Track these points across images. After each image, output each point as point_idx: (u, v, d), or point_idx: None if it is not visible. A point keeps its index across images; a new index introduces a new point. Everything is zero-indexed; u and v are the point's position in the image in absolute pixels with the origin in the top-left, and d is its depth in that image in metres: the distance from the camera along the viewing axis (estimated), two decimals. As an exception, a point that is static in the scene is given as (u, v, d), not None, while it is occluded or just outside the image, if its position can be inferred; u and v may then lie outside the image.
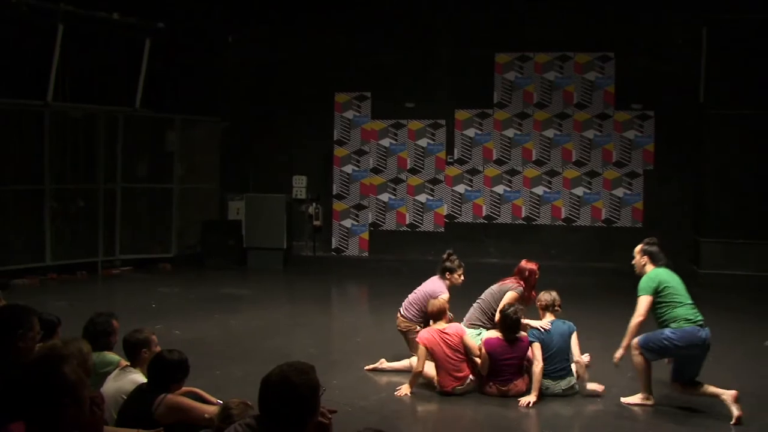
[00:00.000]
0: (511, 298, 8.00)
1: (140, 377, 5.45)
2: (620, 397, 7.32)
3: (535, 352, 7.38)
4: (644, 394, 7.17)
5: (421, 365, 7.49)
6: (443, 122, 16.43)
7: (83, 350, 4.88)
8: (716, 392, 6.83)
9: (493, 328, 7.84)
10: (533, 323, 7.59)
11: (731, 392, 6.76)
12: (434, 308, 7.78)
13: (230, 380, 7.62)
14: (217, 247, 16.09)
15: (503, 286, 8.20)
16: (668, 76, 15.26)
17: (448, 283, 8.43)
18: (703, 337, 6.88)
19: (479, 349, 7.54)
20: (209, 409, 5.08)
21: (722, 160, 14.58)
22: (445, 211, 16.46)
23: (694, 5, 14.83)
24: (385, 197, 16.68)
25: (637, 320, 7.00)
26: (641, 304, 7.02)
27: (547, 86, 16.04)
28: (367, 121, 16.75)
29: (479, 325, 8.12)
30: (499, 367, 7.44)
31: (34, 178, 14.13)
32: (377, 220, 16.74)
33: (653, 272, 7.12)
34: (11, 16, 13.13)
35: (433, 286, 8.43)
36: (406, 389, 7.49)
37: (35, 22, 13.56)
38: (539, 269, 8.33)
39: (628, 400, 7.24)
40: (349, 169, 16.81)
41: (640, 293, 7.06)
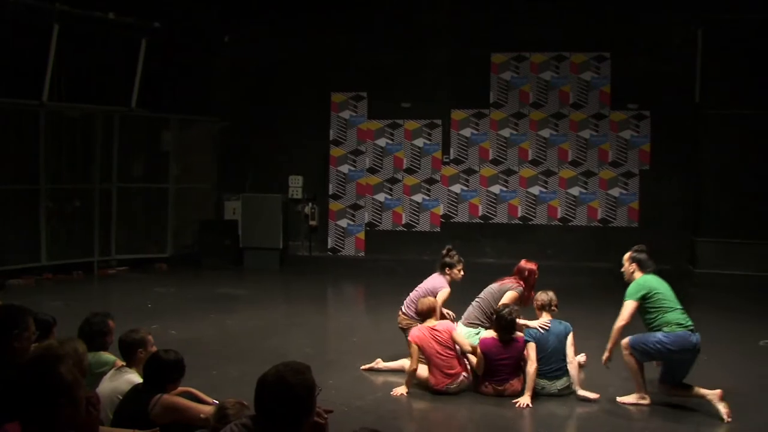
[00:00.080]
0: (510, 297, 8.01)
1: (136, 377, 5.43)
2: (616, 396, 7.33)
3: (529, 352, 7.39)
4: (639, 393, 7.21)
5: (414, 363, 7.51)
6: (439, 122, 16.44)
7: (79, 350, 4.87)
8: (702, 393, 6.95)
9: (492, 327, 7.84)
10: (532, 323, 7.60)
11: (716, 392, 6.88)
12: (424, 307, 7.81)
13: (226, 380, 7.62)
14: (213, 247, 16.08)
15: (503, 285, 8.21)
16: (664, 76, 15.27)
17: (448, 278, 8.48)
18: (694, 341, 7.01)
19: (475, 349, 7.54)
20: (205, 409, 5.07)
21: (718, 160, 14.61)
22: (441, 210, 16.46)
23: (690, 5, 14.84)
24: (381, 197, 16.68)
25: (619, 324, 7.15)
26: (625, 308, 7.16)
27: (543, 86, 16.06)
28: (363, 121, 16.75)
29: (478, 324, 8.13)
30: (494, 366, 7.45)
31: (29, 177, 14.10)
32: (373, 219, 16.73)
33: (642, 279, 7.26)
34: (7, 15, 13.11)
35: (434, 282, 8.48)
36: (402, 389, 7.50)
37: (31, 21, 13.54)
38: (538, 269, 8.35)
39: (624, 399, 7.26)
40: (345, 168, 16.81)
41: (626, 298, 7.21)
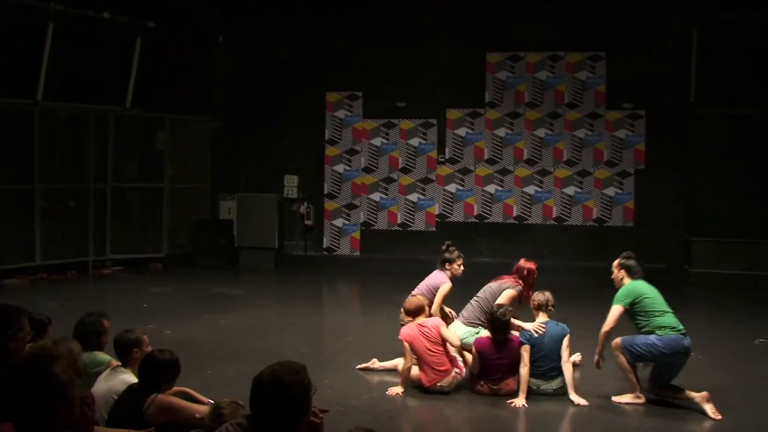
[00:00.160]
0: (509, 296, 8.02)
1: (131, 377, 5.43)
2: (611, 395, 7.33)
3: (523, 354, 7.38)
4: (634, 392, 7.21)
5: (408, 361, 7.51)
6: (435, 121, 16.43)
7: (73, 350, 4.86)
8: (690, 395, 6.99)
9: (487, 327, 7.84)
10: (527, 325, 7.59)
11: (703, 394, 6.93)
12: (411, 305, 7.83)
13: (221, 380, 7.60)
14: (208, 246, 16.05)
15: (502, 284, 8.21)
16: (659, 75, 15.29)
17: (449, 273, 8.55)
18: (686, 345, 7.07)
19: (467, 347, 7.56)
20: (200, 408, 5.07)
21: (713, 159, 14.64)
22: (436, 210, 16.46)
23: (684, 5, 14.87)
24: (376, 196, 16.67)
25: (605, 329, 7.21)
26: (612, 313, 7.22)
27: (538, 86, 16.07)
28: (358, 120, 16.74)
29: (479, 324, 8.12)
30: (490, 366, 7.45)
31: (23, 177, 14.05)
32: (369, 219, 16.73)
33: (631, 284, 7.31)
34: (1, 14, 13.05)
35: (435, 278, 8.56)
36: (398, 389, 7.49)
37: (25, 20, 13.48)
38: (537, 269, 8.36)
39: (619, 399, 7.26)
40: (340, 168, 16.80)
41: (614, 303, 7.26)
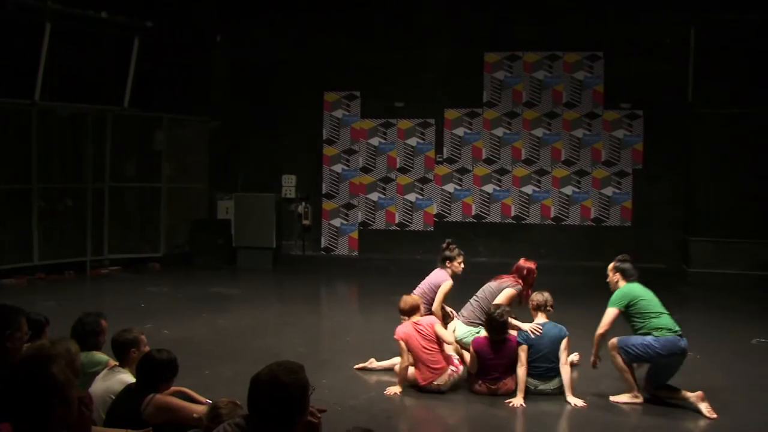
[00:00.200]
0: (508, 296, 8.03)
1: (129, 377, 5.42)
2: (609, 395, 7.33)
3: (520, 354, 7.39)
4: (632, 392, 7.21)
5: (405, 360, 7.52)
6: (432, 121, 16.43)
7: (71, 350, 4.86)
8: (685, 396, 7.01)
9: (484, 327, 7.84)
10: (524, 326, 7.59)
11: (698, 393, 6.96)
12: (406, 304, 7.83)
13: (219, 380, 7.60)
14: (206, 246, 16.05)
15: (501, 284, 8.21)
16: (657, 75, 15.29)
17: (449, 271, 8.57)
18: (683, 346, 7.10)
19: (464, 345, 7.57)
20: (198, 408, 5.06)
21: (711, 159, 14.65)
22: (434, 210, 16.46)
23: (683, 5, 14.88)
24: (374, 196, 16.66)
25: (600, 331, 7.24)
26: (607, 315, 7.24)
27: (536, 85, 16.07)
28: (356, 120, 16.73)
29: (479, 323, 8.11)
30: (488, 366, 7.45)
31: (21, 177, 14.05)
32: (367, 219, 16.72)
33: (626, 287, 7.33)
34: (-2, 14, 13.06)
35: (436, 276, 8.58)
36: (396, 388, 7.49)
37: (22, 20, 13.48)
38: (537, 268, 8.36)
39: (617, 398, 7.26)
40: (338, 168, 16.79)
41: (609, 305, 7.29)
